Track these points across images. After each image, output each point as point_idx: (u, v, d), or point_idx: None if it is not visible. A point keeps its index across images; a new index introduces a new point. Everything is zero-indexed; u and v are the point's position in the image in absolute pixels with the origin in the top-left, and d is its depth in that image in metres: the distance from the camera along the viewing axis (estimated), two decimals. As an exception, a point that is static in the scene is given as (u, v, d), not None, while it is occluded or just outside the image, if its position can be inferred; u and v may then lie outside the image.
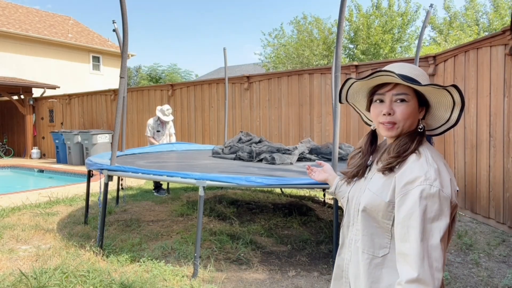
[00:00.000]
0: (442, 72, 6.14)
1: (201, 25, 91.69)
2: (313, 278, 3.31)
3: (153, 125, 6.81)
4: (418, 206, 1.01)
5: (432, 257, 0.98)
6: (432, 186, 1.01)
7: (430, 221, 1.00)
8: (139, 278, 3.13)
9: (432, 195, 1.01)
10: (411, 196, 1.03)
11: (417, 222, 1.00)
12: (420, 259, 0.98)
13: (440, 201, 1.01)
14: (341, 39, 3.29)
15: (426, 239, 0.99)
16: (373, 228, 1.16)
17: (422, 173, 1.04)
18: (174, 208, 5.68)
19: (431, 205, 1.01)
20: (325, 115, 7.65)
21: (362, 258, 1.17)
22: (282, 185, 3.90)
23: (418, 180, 1.03)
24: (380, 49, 14.79)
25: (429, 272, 0.97)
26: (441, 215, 1.00)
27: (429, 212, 1.00)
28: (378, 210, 1.13)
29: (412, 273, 0.99)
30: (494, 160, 4.83)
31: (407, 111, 1.13)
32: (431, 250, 0.99)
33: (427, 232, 0.99)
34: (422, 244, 0.99)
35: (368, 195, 1.17)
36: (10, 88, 13.69)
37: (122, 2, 3.79)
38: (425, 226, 1.00)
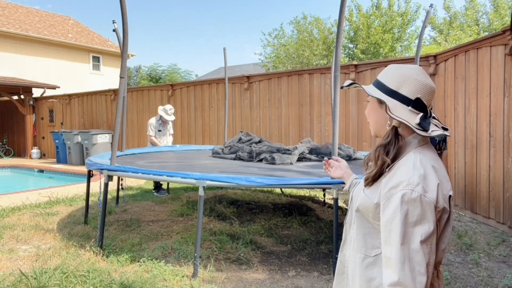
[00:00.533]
0: (443, 72, 6.14)
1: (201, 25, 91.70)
2: (313, 278, 3.31)
3: (155, 125, 6.82)
4: (399, 210, 1.02)
5: (414, 261, 0.99)
6: (413, 191, 1.02)
7: (412, 225, 1.01)
8: (139, 278, 3.13)
9: (413, 200, 1.02)
10: (394, 200, 1.04)
11: (398, 226, 1.01)
12: (401, 262, 0.99)
13: (422, 205, 1.01)
14: (341, 39, 3.29)
15: (407, 243, 1.00)
16: (366, 228, 1.19)
17: (406, 178, 1.05)
18: (174, 208, 5.68)
19: (413, 209, 1.01)
20: (324, 115, 7.65)
21: (356, 257, 1.21)
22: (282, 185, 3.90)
23: (401, 185, 1.05)
24: (380, 48, 14.79)
25: (410, 276, 0.98)
26: (423, 220, 1.01)
27: (410, 216, 1.01)
28: (368, 211, 1.16)
29: (393, 277, 1.00)
30: (494, 160, 4.83)
31: (367, 110, 1.26)
32: (412, 254, 0.99)
33: (408, 236, 1.00)
34: (402, 248, 1.00)
35: (361, 196, 1.21)
36: (10, 88, 13.70)
37: (122, 2, 3.79)
38: (406, 230, 1.01)
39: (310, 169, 4.44)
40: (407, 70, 1.16)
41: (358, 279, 1.19)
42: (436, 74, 6.29)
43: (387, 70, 1.21)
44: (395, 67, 1.19)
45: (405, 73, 1.15)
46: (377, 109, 1.21)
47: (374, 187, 1.16)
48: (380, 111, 1.20)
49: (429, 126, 1.11)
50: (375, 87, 1.20)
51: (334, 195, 3.28)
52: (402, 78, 1.15)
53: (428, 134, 1.10)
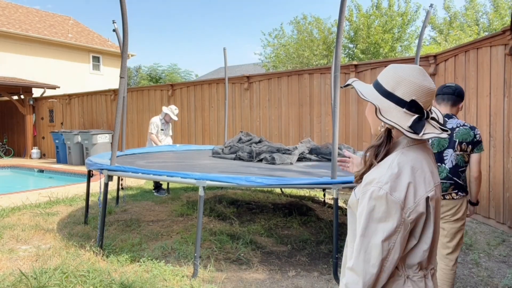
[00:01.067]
0: (443, 72, 6.14)
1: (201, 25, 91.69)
2: (313, 278, 3.31)
3: (159, 123, 6.84)
4: (367, 205, 1.08)
5: (370, 253, 1.06)
6: (381, 189, 1.07)
7: (376, 221, 1.07)
8: (139, 278, 3.13)
9: (379, 197, 1.07)
10: (365, 196, 1.11)
11: (363, 219, 1.08)
12: (358, 252, 1.08)
13: (388, 204, 1.06)
14: (341, 39, 3.29)
15: (368, 236, 1.07)
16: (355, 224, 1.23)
17: (378, 176, 1.10)
18: (174, 208, 5.68)
19: (379, 206, 1.07)
20: (324, 115, 7.65)
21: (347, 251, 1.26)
22: (282, 185, 3.90)
23: (373, 182, 1.10)
24: (380, 48, 14.79)
25: (362, 265, 1.06)
26: (388, 218, 1.06)
27: (376, 212, 1.07)
28: (354, 207, 1.22)
29: (350, 262, 1.10)
30: (494, 160, 4.83)
31: (366, 111, 1.29)
32: (370, 247, 1.06)
33: (370, 230, 1.07)
34: (362, 240, 1.07)
35: (352, 193, 1.27)
36: (10, 88, 13.70)
37: (122, 2, 3.79)
38: (369, 224, 1.07)
39: (310, 169, 4.44)
40: (403, 71, 1.16)
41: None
42: (436, 74, 6.29)
43: (386, 70, 1.22)
44: (394, 68, 1.19)
45: (401, 75, 1.15)
46: (373, 110, 1.22)
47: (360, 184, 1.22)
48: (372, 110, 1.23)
49: (422, 128, 1.11)
50: (374, 88, 1.22)
51: (334, 195, 3.28)
52: (398, 80, 1.15)
53: (418, 137, 1.11)
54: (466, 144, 2.53)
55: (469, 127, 2.55)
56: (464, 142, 2.53)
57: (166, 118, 6.86)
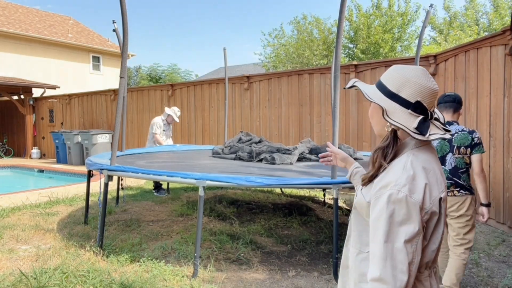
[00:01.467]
0: (443, 72, 6.14)
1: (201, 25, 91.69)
2: (313, 278, 3.31)
3: (161, 124, 6.87)
4: (385, 209, 1.05)
5: (397, 259, 1.02)
6: (400, 192, 1.05)
7: (398, 224, 1.04)
8: (139, 278, 3.13)
9: (399, 200, 1.04)
10: (381, 199, 1.08)
11: (383, 224, 1.05)
12: (383, 259, 1.03)
13: (408, 206, 1.04)
14: (341, 39, 3.29)
15: (391, 241, 1.03)
16: (361, 225, 1.23)
17: (394, 178, 1.08)
18: (174, 208, 5.68)
19: (399, 209, 1.04)
20: (324, 115, 7.65)
21: (351, 252, 1.26)
22: (282, 185, 3.90)
23: (389, 185, 1.08)
24: (380, 48, 14.79)
25: (390, 273, 1.01)
26: (409, 220, 1.04)
27: (396, 216, 1.04)
28: (363, 209, 1.21)
29: (375, 272, 1.04)
30: (494, 160, 4.83)
31: (370, 111, 1.27)
32: (395, 252, 1.02)
33: (393, 234, 1.03)
34: (386, 246, 1.03)
35: (358, 195, 1.25)
36: (10, 88, 13.69)
37: (122, 2, 3.79)
38: (391, 229, 1.04)
39: (310, 169, 4.44)
40: (408, 72, 1.16)
41: (353, 273, 1.24)
42: (436, 74, 6.29)
43: (390, 71, 1.21)
44: (397, 69, 1.19)
45: (405, 76, 1.15)
46: (378, 110, 1.22)
47: (368, 186, 1.20)
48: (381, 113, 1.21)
49: (427, 129, 1.12)
50: (377, 89, 1.21)
51: (334, 195, 3.28)
52: (402, 81, 1.15)
53: (425, 138, 1.11)
54: (465, 148, 2.76)
55: (467, 131, 2.78)
56: (462, 146, 2.77)
57: (168, 120, 6.88)
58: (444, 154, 2.85)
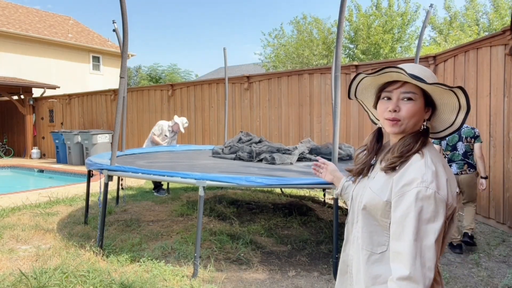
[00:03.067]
0: (442, 72, 6.14)
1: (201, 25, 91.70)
2: (313, 278, 3.31)
3: (165, 128, 6.84)
4: (414, 207, 1.04)
5: (425, 257, 1.02)
6: (428, 188, 1.04)
7: (426, 222, 1.03)
8: (139, 278, 3.13)
9: (428, 197, 1.04)
10: (408, 197, 1.06)
11: (412, 222, 1.03)
12: (413, 257, 1.01)
13: (436, 203, 1.03)
14: (341, 39, 3.29)
15: (420, 239, 1.02)
16: (372, 226, 1.20)
17: (419, 175, 1.07)
18: (174, 208, 5.68)
19: (427, 206, 1.03)
20: (324, 115, 7.65)
21: (361, 254, 1.21)
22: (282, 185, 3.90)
23: (415, 182, 1.06)
24: (380, 48, 14.79)
25: (420, 271, 1.01)
26: (437, 217, 1.03)
27: (424, 213, 1.03)
28: (377, 208, 1.16)
29: (404, 271, 1.02)
30: (494, 160, 4.83)
31: (413, 110, 1.16)
32: (424, 250, 1.02)
33: (422, 232, 1.03)
34: (415, 244, 1.02)
35: (369, 194, 1.21)
36: (10, 88, 13.69)
37: (122, 2, 3.79)
38: (420, 226, 1.03)
39: (310, 169, 4.44)
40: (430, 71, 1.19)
41: (363, 276, 1.20)
42: (436, 75, 6.28)
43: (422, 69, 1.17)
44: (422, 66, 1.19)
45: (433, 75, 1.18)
46: (423, 110, 1.18)
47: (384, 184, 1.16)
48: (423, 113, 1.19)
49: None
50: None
51: (334, 195, 3.28)
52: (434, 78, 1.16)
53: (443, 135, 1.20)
54: (470, 138, 3.94)
55: (470, 128, 3.97)
56: (468, 137, 3.94)
57: (174, 127, 6.85)
58: (455, 143, 3.97)
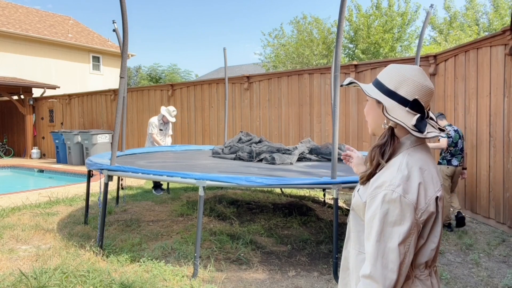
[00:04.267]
0: (443, 72, 6.14)
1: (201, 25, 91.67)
2: (313, 278, 3.31)
3: (157, 123, 6.91)
4: (379, 209, 1.06)
5: (388, 258, 1.03)
6: (394, 192, 1.05)
7: (391, 224, 1.04)
8: (139, 278, 3.13)
9: (393, 200, 1.05)
10: (376, 199, 1.08)
11: (377, 224, 1.06)
12: (374, 258, 1.04)
13: (402, 206, 1.04)
14: (341, 39, 3.29)
15: (384, 240, 1.04)
16: (360, 226, 1.23)
17: (389, 178, 1.08)
18: (174, 208, 5.68)
19: (393, 209, 1.05)
20: (324, 115, 7.65)
21: (352, 253, 1.26)
22: (282, 185, 3.90)
23: (384, 185, 1.08)
24: (380, 48, 14.78)
25: (381, 272, 1.03)
26: (403, 220, 1.04)
27: (390, 216, 1.05)
28: (360, 209, 1.21)
29: (366, 270, 1.06)
30: (494, 160, 4.83)
31: (366, 108, 1.27)
32: (387, 251, 1.03)
33: (386, 234, 1.04)
34: (378, 245, 1.04)
35: (356, 196, 1.25)
36: (10, 88, 13.69)
37: (122, 2, 3.79)
38: (384, 228, 1.05)
39: (310, 169, 4.44)
40: (406, 71, 1.17)
41: (354, 273, 1.24)
42: (436, 74, 6.29)
43: (387, 70, 1.21)
44: (395, 67, 1.20)
45: (404, 74, 1.16)
46: (375, 108, 1.22)
47: (365, 187, 1.20)
48: (378, 110, 1.22)
49: (425, 127, 1.12)
50: (374, 87, 1.21)
51: (334, 195, 3.28)
52: (401, 79, 1.16)
53: (423, 136, 1.12)
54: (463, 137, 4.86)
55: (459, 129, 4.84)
56: (463, 135, 4.83)
57: (164, 119, 6.92)
58: (457, 140, 4.71)
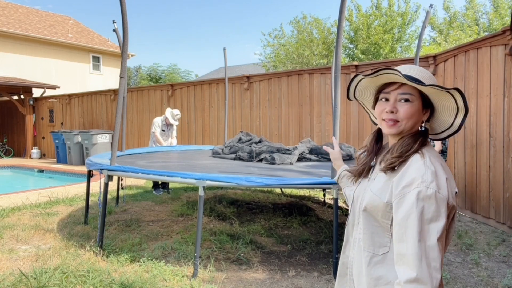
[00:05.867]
0: (442, 72, 6.14)
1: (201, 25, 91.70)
2: (313, 278, 3.31)
3: (160, 124, 6.94)
4: (415, 207, 1.03)
5: (430, 257, 1.01)
6: (428, 188, 1.04)
7: (428, 222, 1.03)
8: (139, 278, 3.13)
9: (429, 197, 1.03)
10: (409, 198, 1.05)
11: (414, 223, 1.03)
12: (418, 259, 1.00)
13: (437, 202, 1.03)
14: (341, 39, 3.29)
15: (424, 239, 1.02)
16: (373, 227, 1.19)
17: (419, 175, 1.07)
18: (174, 208, 5.68)
19: (428, 206, 1.03)
20: (325, 115, 7.65)
21: (363, 256, 1.21)
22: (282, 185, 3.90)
23: (415, 183, 1.06)
24: (380, 48, 14.78)
25: (427, 272, 0.99)
26: (439, 216, 1.03)
27: (426, 213, 1.03)
28: (378, 210, 1.16)
29: (410, 273, 1.01)
30: (494, 160, 4.83)
31: (410, 111, 1.16)
32: (429, 250, 1.01)
33: (424, 232, 1.02)
34: (420, 245, 1.01)
35: (369, 195, 1.20)
36: (10, 88, 13.69)
37: (122, 2, 3.79)
38: (422, 227, 1.02)
39: (310, 169, 4.44)
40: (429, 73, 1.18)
41: (365, 278, 1.19)
42: (436, 75, 6.29)
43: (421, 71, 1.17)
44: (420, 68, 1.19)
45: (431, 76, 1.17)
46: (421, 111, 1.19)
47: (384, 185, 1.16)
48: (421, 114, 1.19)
49: None
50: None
51: (334, 195, 3.28)
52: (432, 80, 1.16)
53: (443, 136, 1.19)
54: None
55: None
56: None
57: (166, 121, 6.95)
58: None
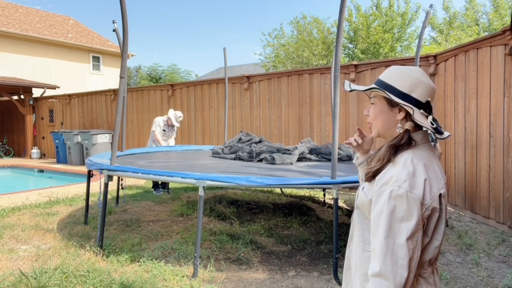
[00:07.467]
0: (443, 72, 6.14)
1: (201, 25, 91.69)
2: (313, 278, 3.31)
3: (161, 124, 6.95)
4: (386, 205, 1.07)
5: (398, 254, 1.03)
6: (400, 188, 1.06)
7: (399, 220, 1.05)
8: (139, 278, 3.13)
9: (400, 196, 1.06)
10: (383, 196, 1.09)
11: (384, 220, 1.06)
12: (384, 255, 1.04)
13: (408, 202, 1.05)
14: (341, 39, 3.29)
15: (392, 237, 1.04)
16: (364, 224, 1.24)
17: (395, 175, 1.10)
18: (174, 208, 5.68)
19: (400, 205, 1.05)
20: (324, 115, 7.65)
21: (356, 251, 1.27)
22: (282, 185, 3.90)
23: (391, 182, 1.09)
24: (380, 48, 14.79)
25: (391, 268, 1.03)
26: (410, 216, 1.05)
27: (397, 212, 1.05)
28: (365, 207, 1.21)
29: (375, 268, 1.05)
30: (494, 160, 4.83)
31: (374, 112, 1.25)
32: (396, 248, 1.03)
33: (394, 230, 1.05)
34: (387, 241, 1.04)
35: (360, 194, 1.26)
36: (10, 88, 13.69)
37: (122, 2, 3.79)
38: (392, 225, 1.05)
39: (310, 169, 4.44)
40: (416, 73, 1.18)
41: (357, 272, 1.24)
42: (436, 74, 6.29)
43: (393, 72, 1.21)
44: (401, 70, 1.20)
45: (415, 77, 1.17)
46: (387, 111, 1.21)
47: (370, 184, 1.20)
48: (390, 114, 1.21)
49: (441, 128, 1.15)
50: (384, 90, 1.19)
51: (334, 195, 3.29)
52: (414, 82, 1.16)
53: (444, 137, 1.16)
54: None
55: None
56: None
57: (169, 122, 6.96)
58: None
